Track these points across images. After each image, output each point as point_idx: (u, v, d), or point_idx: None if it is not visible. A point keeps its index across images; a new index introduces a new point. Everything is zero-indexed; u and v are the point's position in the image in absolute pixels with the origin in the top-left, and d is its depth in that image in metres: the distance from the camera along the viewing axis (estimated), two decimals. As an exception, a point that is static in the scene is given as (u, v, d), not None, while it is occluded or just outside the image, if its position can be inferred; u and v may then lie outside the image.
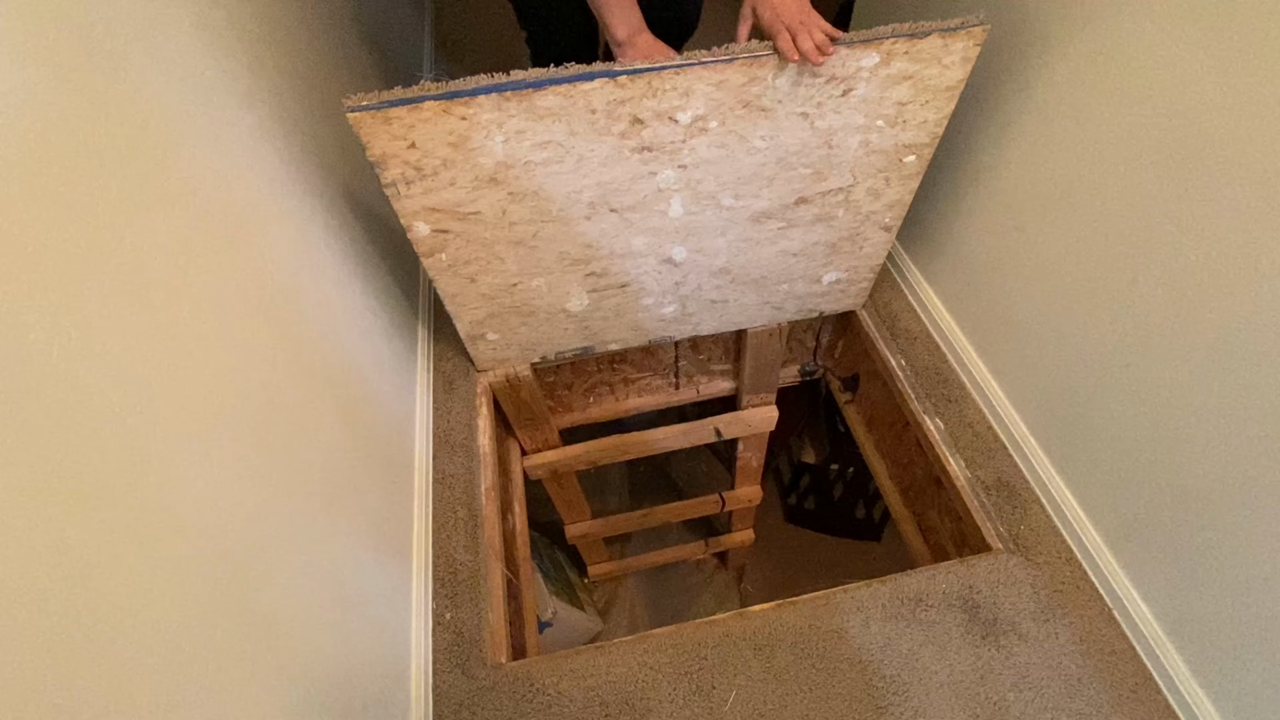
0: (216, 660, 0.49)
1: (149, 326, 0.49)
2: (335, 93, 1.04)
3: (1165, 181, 0.76)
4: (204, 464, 0.53)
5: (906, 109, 0.89)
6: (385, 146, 0.79)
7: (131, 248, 0.49)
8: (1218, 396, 0.75)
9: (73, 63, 0.47)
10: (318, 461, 0.74)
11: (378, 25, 1.50)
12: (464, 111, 0.77)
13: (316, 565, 0.69)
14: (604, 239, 1.00)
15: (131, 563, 0.43)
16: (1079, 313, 0.93)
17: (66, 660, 0.37)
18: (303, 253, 0.81)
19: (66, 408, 0.40)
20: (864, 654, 0.93)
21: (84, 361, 0.42)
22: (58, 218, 0.42)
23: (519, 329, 1.15)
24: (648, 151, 0.87)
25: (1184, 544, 0.84)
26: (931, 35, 0.81)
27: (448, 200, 0.87)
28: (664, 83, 0.79)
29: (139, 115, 0.53)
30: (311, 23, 1.02)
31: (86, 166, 0.46)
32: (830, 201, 1.02)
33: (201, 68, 0.65)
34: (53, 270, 0.41)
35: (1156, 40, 0.74)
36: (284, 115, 0.83)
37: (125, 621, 0.41)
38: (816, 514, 2.48)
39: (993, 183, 1.06)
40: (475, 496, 1.11)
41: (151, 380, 0.48)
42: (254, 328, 0.65)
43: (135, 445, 0.45)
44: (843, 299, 1.27)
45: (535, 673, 0.94)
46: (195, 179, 0.60)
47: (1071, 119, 0.88)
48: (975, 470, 1.11)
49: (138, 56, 0.55)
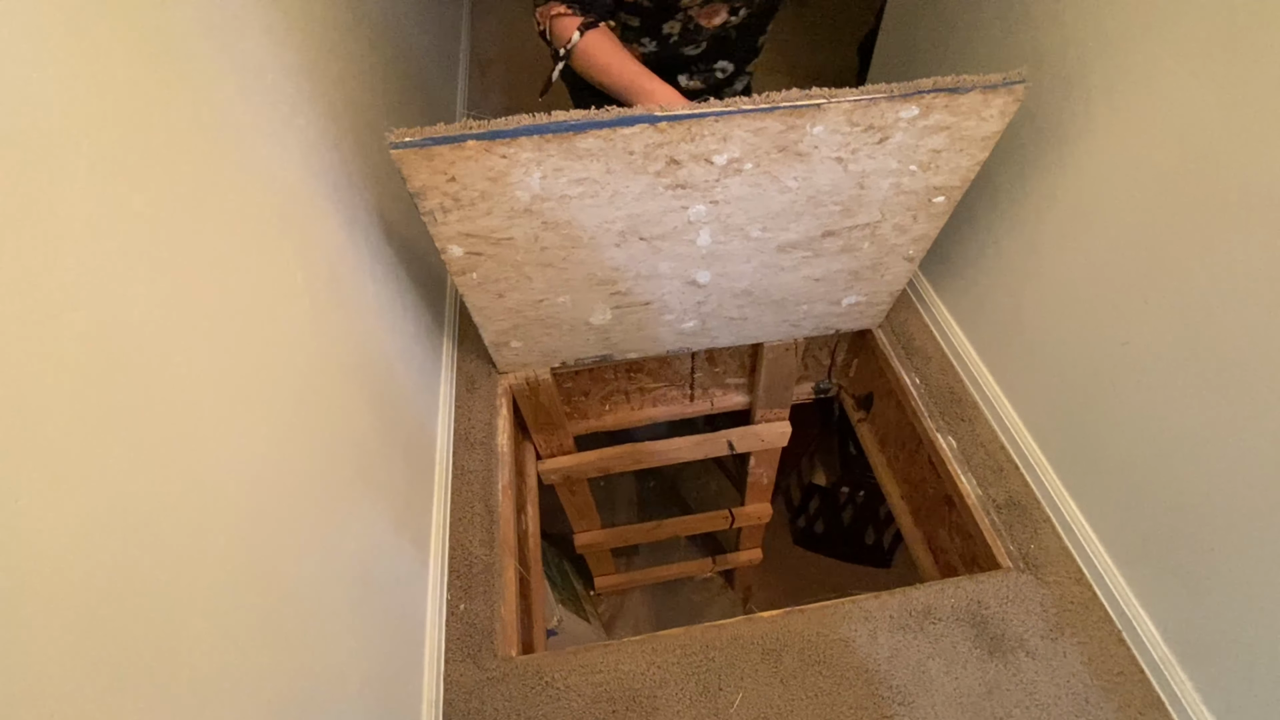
0: (248, 627, 0.52)
1: (213, 306, 0.53)
2: (381, 102, 1.10)
3: (1174, 208, 0.79)
4: (252, 438, 0.56)
5: (941, 155, 0.90)
6: (426, 180, 0.81)
7: (198, 234, 0.53)
8: (1228, 419, 0.76)
9: (153, 60, 0.51)
10: (350, 446, 0.77)
11: (420, 41, 1.57)
12: (505, 150, 0.79)
13: (344, 545, 0.72)
14: (631, 263, 1.02)
15: (185, 522, 0.46)
16: (1091, 333, 0.95)
17: (124, 607, 0.39)
18: (346, 249, 0.86)
19: (145, 377, 0.44)
20: (871, 663, 0.94)
21: (161, 337, 0.46)
22: (141, 203, 0.46)
23: (542, 338, 1.19)
24: (681, 189, 0.89)
25: (1193, 566, 0.85)
26: (973, 91, 0.81)
27: (483, 227, 0.90)
28: (704, 129, 0.80)
29: (211, 112, 0.58)
30: (360, 34, 1.07)
31: (174, 165, 0.50)
32: (856, 235, 1.04)
33: (265, 69, 0.70)
34: (136, 252, 0.45)
35: (1165, 76, 0.77)
36: (336, 120, 0.88)
37: (176, 577, 0.44)
38: (825, 537, 2.47)
39: (1008, 208, 1.09)
40: (492, 493, 1.14)
41: (213, 357, 0.52)
42: (299, 314, 0.69)
43: (197, 414, 0.49)
44: (860, 319, 1.30)
45: (544, 666, 0.95)
46: (258, 172, 0.64)
47: (1084, 148, 0.91)
48: (986, 489, 1.12)
49: (211, 55, 0.59)
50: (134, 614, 0.40)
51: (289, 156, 0.72)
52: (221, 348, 0.53)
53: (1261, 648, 0.77)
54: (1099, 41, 0.86)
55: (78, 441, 0.37)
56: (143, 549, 0.41)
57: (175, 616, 0.43)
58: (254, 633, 0.52)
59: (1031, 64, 0.98)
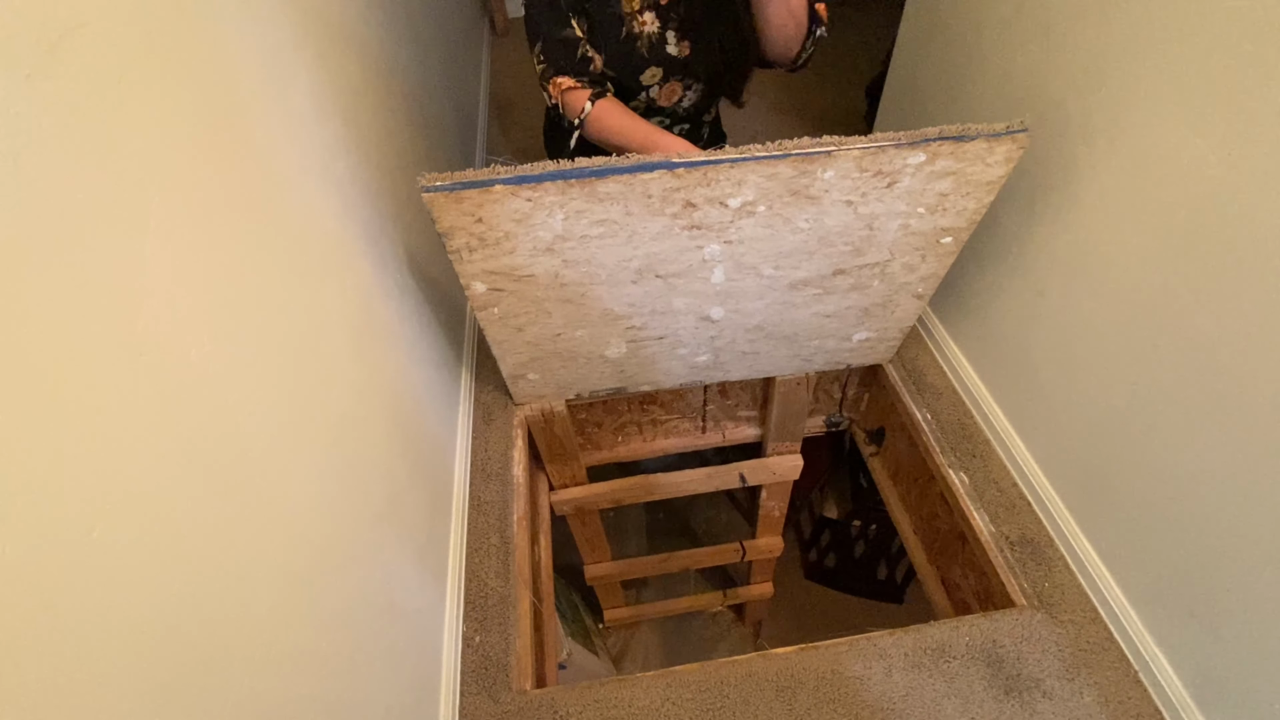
0: (292, 655, 0.54)
1: (266, 347, 0.56)
2: (408, 146, 1.15)
3: (1180, 254, 0.81)
4: (298, 469, 0.58)
5: (948, 199, 0.93)
6: (454, 221, 0.85)
7: (253, 277, 0.56)
8: (1241, 460, 0.78)
9: (218, 116, 0.55)
10: (381, 476, 0.79)
11: (444, 84, 1.63)
12: (530, 194, 0.83)
13: (374, 574, 0.74)
14: (647, 299, 1.05)
15: (240, 551, 0.48)
16: (1101, 375, 0.96)
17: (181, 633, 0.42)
18: (378, 289, 0.89)
19: (208, 415, 0.46)
20: (886, 702, 0.94)
21: (221, 375, 0.49)
22: (205, 254, 0.50)
23: (559, 370, 1.21)
24: (697, 230, 0.92)
25: (1210, 607, 0.85)
26: (978, 140, 0.85)
27: (505, 265, 0.93)
28: (719, 174, 0.84)
29: (264, 167, 0.62)
30: (393, 85, 1.13)
31: (232, 217, 0.54)
32: (867, 274, 1.07)
33: (307, 118, 0.75)
34: (202, 290, 0.48)
35: (1168, 126, 0.80)
36: (368, 164, 0.92)
37: (231, 605, 0.46)
38: (837, 572, 2.45)
39: (1017, 249, 1.11)
40: (508, 524, 1.16)
41: (264, 393, 0.55)
42: (340, 352, 0.72)
43: (252, 447, 0.51)
44: (871, 355, 1.32)
45: (559, 701, 0.96)
46: (304, 218, 0.68)
47: (1089, 195, 0.94)
48: (1000, 526, 1.13)
49: (266, 110, 0.64)
50: (190, 640, 0.42)
51: (329, 203, 0.76)
52: (272, 384, 0.56)
53: (1279, 689, 0.77)
54: (1102, 91, 0.90)
55: (144, 473, 0.40)
56: (197, 576, 0.43)
57: (228, 643, 0.45)
58: (297, 661, 0.54)
59: (1035, 111, 1.02)
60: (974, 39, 1.16)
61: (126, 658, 0.37)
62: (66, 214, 0.36)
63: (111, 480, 0.37)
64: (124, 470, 0.38)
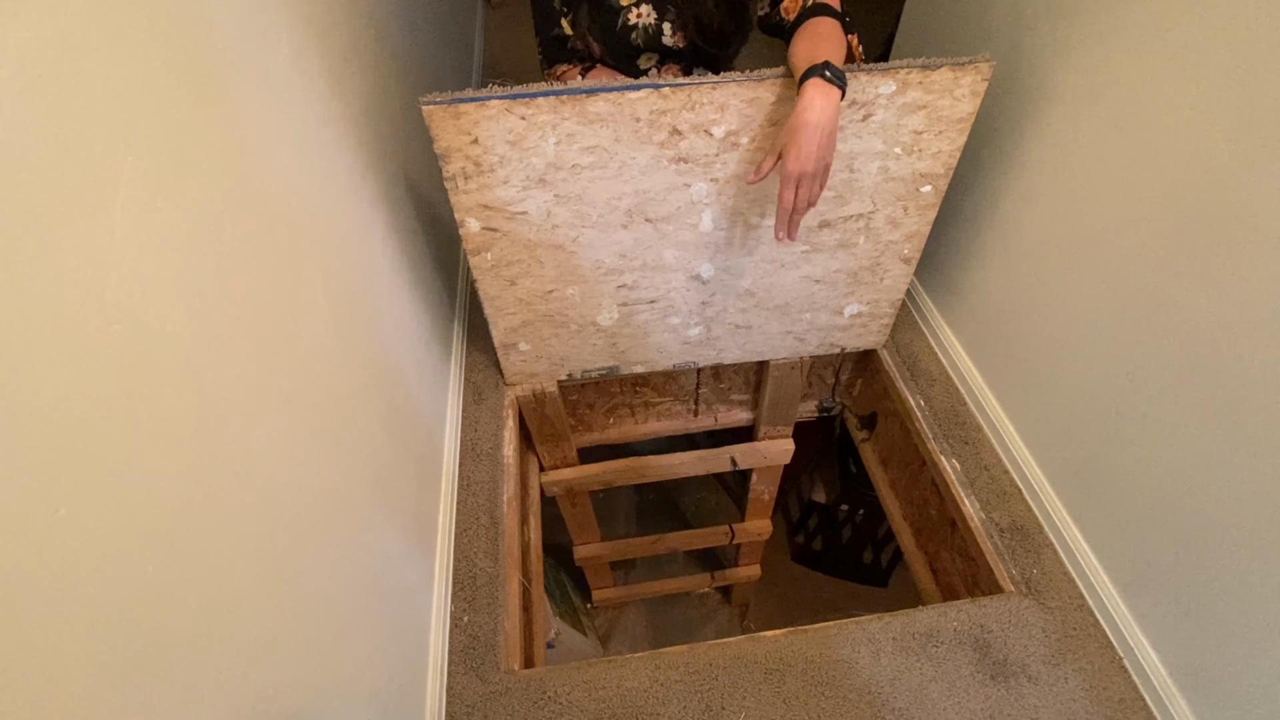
0: (267, 637, 0.52)
1: (242, 321, 0.54)
2: (399, 117, 1.11)
3: (1178, 239, 0.80)
4: (276, 447, 0.57)
5: (922, 138, 0.96)
6: (451, 140, 0.87)
7: (229, 246, 0.54)
8: (1232, 451, 0.77)
9: (192, 77, 0.52)
10: (367, 455, 0.78)
11: (435, 57, 1.59)
12: (524, 111, 0.85)
13: (359, 555, 0.72)
14: (638, 249, 1.06)
15: (211, 531, 0.46)
16: (1095, 363, 0.96)
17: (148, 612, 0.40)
18: (366, 260, 0.87)
19: (178, 388, 0.44)
20: (874, 685, 0.94)
21: (193, 349, 0.47)
22: (176, 215, 0.47)
23: (550, 340, 1.20)
24: (684, 163, 0.94)
25: (1193, 594, 0.85)
26: (942, 68, 0.88)
27: (500, 198, 0.95)
28: (702, 96, 0.87)
29: (245, 133, 0.59)
30: (382, 56, 1.09)
31: (207, 181, 0.51)
32: (852, 227, 1.08)
33: (291, 84, 0.71)
34: (175, 261, 0.46)
35: (1172, 110, 0.79)
36: (355, 133, 0.89)
37: (201, 586, 0.45)
38: (823, 555, 2.47)
39: (1013, 234, 1.10)
40: (497, 505, 1.14)
41: (239, 369, 0.53)
42: (321, 327, 0.70)
43: (224, 424, 0.49)
44: (864, 335, 1.31)
45: (547, 681, 0.95)
46: (284, 186, 0.65)
47: (1092, 182, 0.92)
48: (990, 512, 1.13)
49: (246, 79, 0.61)
50: (158, 620, 0.40)
51: (312, 172, 0.73)
52: (251, 359, 0.54)
53: (1262, 677, 0.78)
54: (1104, 70, 0.88)
55: (115, 451, 0.38)
56: (171, 556, 0.42)
57: (206, 625, 0.44)
58: (278, 643, 0.52)
59: (1045, 93, 1.00)
60: (982, 12, 1.13)
61: (95, 640, 0.35)
62: (24, 174, 0.34)
63: (79, 456, 0.35)
64: (92, 446, 0.36)
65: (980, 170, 1.16)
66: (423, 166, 1.19)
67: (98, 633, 0.35)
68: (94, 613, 0.35)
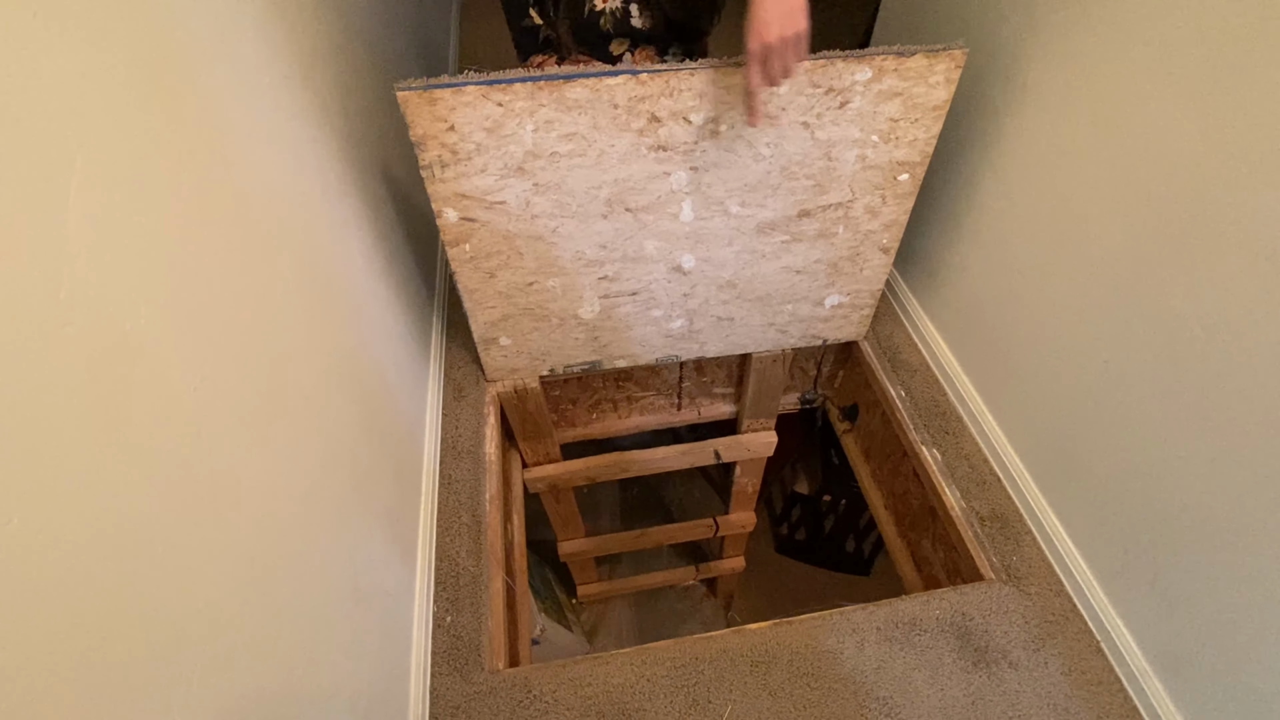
0: (244, 644, 0.51)
1: (213, 318, 0.52)
2: (374, 107, 1.09)
3: (1154, 230, 0.81)
4: (250, 449, 0.55)
5: (899, 126, 0.96)
6: (427, 127, 0.85)
7: (199, 241, 0.52)
8: (1207, 439, 0.79)
9: (157, 66, 0.50)
10: (345, 456, 0.76)
11: (410, 47, 1.55)
12: (501, 98, 0.84)
13: (338, 558, 0.71)
14: (618, 239, 1.05)
15: (184, 535, 0.45)
16: (1074, 352, 0.97)
17: (121, 620, 0.38)
18: (341, 254, 0.84)
19: (146, 388, 0.43)
20: (858, 675, 0.95)
21: (161, 348, 0.45)
22: (140, 209, 0.45)
23: (531, 334, 1.18)
24: (663, 151, 0.93)
25: (1170, 580, 0.87)
26: (917, 55, 0.89)
27: (477, 187, 0.93)
28: (680, 82, 0.86)
29: (211, 124, 0.57)
30: (358, 50, 1.06)
31: (174, 172, 0.49)
32: (831, 217, 1.08)
33: (261, 74, 0.69)
34: (137, 258, 0.44)
35: (1154, 103, 0.79)
36: (327, 125, 0.87)
37: (174, 592, 0.43)
38: (807, 545, 2.49)
39: (991, 224, 1.11)
40: (480, 503, 1.13)
41: (211, 368, 0.51)
42: (296, 324, 0.68)
43: (195, 426, 0.48)
44: (845, 326, 1.31)
45: (532, 680, 0.95)
46: (254, 179, 0.63)
47: (1067, 171, 0.93)
48: (970, 501, 1.14)
49: (211, 67, 0.58)
50: (131, 629, 0.39)
51: (282, 166, 0.71)
52: (220, 358, 0.52)
53: (1231, 656, 0.80)
54: (1084, 66, 0.89)
55: (73, 456, 0.36)
56: (141, 562, 0.40)
57: (176, 635, 0.42)
58: (252, 652, 0.51)
59: (1016, 82, 1.00)
60: (958, 1, 1.14)
61: (57, 654, 0.34)
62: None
63: (33, 464, 0.33)
64: (47, 452, 0.34)
65: (957, 161, 1.16)
66: (399, 158, 1.17)
67: (59, 648, 0.34)
68: (54, 625, 0.34)
